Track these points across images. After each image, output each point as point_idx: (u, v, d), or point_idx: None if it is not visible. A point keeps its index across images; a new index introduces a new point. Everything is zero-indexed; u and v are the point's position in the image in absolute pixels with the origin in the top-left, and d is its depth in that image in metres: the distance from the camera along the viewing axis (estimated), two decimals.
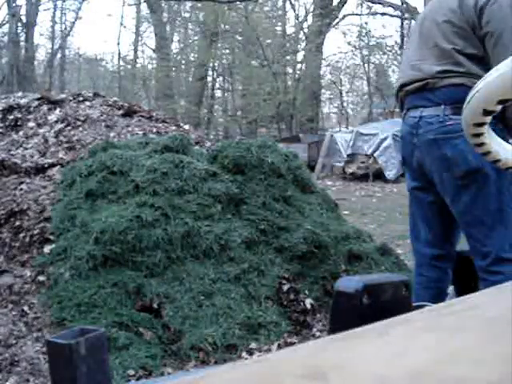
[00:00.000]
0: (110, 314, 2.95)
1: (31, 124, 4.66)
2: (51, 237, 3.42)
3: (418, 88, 2.11)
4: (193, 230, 3.36)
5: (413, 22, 17.65)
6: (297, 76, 21.98)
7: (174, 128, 4.91)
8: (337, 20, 20.13)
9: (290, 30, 24.07)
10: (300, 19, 23.14)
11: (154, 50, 24.03)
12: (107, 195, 3.60)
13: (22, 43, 21.45)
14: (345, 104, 24.99)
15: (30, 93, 6.00)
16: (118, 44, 27.91)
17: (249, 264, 3.38)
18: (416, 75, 2.12)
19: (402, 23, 20.55)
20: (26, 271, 3.29)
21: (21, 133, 4.56)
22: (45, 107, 4.86)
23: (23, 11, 21.21)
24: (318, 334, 3.18)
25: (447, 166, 2.05)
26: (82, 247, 3.23)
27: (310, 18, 22.01)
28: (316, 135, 17.58)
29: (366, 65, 23.49)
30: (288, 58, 21.68)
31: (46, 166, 4.07)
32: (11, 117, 4.76)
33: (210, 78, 23.40)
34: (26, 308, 3.07)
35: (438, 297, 2.14)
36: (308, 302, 3.31)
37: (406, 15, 17.27)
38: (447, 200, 2.13)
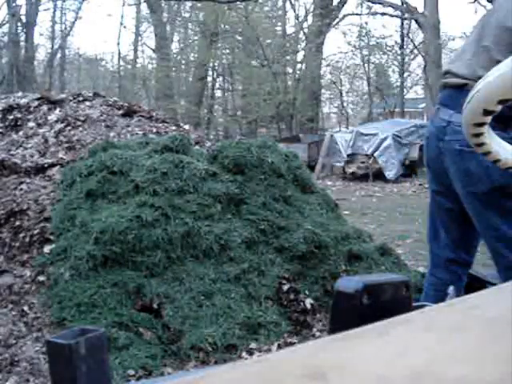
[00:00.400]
0: (109, 314, 2.95)
1: (31, 124, 4.66)
2: (51, 237, 3.42)
3: (458, 85, 2.02)
4: (193, 230, 3.36)
5: (413, 22, 17.65)
6: (297, 76, 21.98)
7: (174, 128, 4.91)
8: (337, 20, 20.12)
9: (290, 30, 24.09)
10: (300, 19, 23.16)
11: (153, 50, 24.04)
12: (107, 195, 3.60)
13: (22, 43, 21.46)
14: (345, 104, 25.00)
15: (30, 93, 6.00)
16: (118, 44, 27.93)
17: (249, 264, 3.38)
18: (462, 69, 2.03)
19: (402, 23, 20.55)
20: (25, 271, 3.29)
21: (21, 133, 4.56)
22: (45, 107, 4.85)
23: (23, 11, 21.23)
24: (318, 333, 3.18)
25: (470, 181, 1.99)
26: (82, 247, 3.23)
27: (310, 18, 22.03)
28: (316, 135, 17.58)
29: (365, 65, 23.50)
30: (288, 57, 21.69)
31: (46, 166, 4.07)
32: (11, 117, 4.76)
33: (210, 78, 23.41)
34: (26, 308, 3.07)
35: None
36: (308, 302, 3.31)
37: (406, 15, 17.27)
38: (470, 213, 2.08)
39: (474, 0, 16.15)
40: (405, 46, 21.48)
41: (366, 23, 21.80)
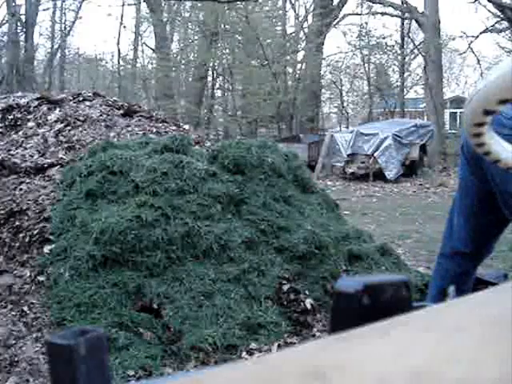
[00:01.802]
0: (110, 314, 2.95)
1: (31, 124, 4.66)
2: (51, 237, 3.42)
3: None
4: (193, 230, 3.36)
5: (413, 21, 17.66)
6: (297, 76, 21.97)
7: (173, 128, 4.91)
8: (337, 20, 20.13)
9: (290, 29, 24.08)
10: (300, 19, 23.15)
11: (153, 50, 24.02)
12: (107, 195, 3.60)
13: (22, 43, 21.44)
14: (345, 104, 24.98)
15: (30, 93, 6.00)
16: (118, 44, 27.82)
17: (249, 264, 3.38)
18: None
19: (403, 23, 20.55)
20: (25, 271, 3.29)
21: (20, 133, 4.56)
22: (44, 107, 4.85)
23: (23, 11, 21.21)
24: (318, 334, 3.18)
25: (505, 180, 1.95)
26: (81, 247, 3.23)
27: (310, 17, 22.03)
28: (316, 135, 17.58)
29: (366, 65, 23.49)
30: (288, 57, 21.67)
31: (46, 166, 4.07)
32: (11, 117, 4.76)
33: (210, 78, 23.39)
34: (25, 308, 3.07)
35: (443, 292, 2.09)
36: (308, 302, 3.31)
37: (406, 15, 17.28)
38: (505, 211, 2.06)
39: (475, 0, 16.17)
40: (405, 46, 21.48)
41: (366, 23, 21.80)
